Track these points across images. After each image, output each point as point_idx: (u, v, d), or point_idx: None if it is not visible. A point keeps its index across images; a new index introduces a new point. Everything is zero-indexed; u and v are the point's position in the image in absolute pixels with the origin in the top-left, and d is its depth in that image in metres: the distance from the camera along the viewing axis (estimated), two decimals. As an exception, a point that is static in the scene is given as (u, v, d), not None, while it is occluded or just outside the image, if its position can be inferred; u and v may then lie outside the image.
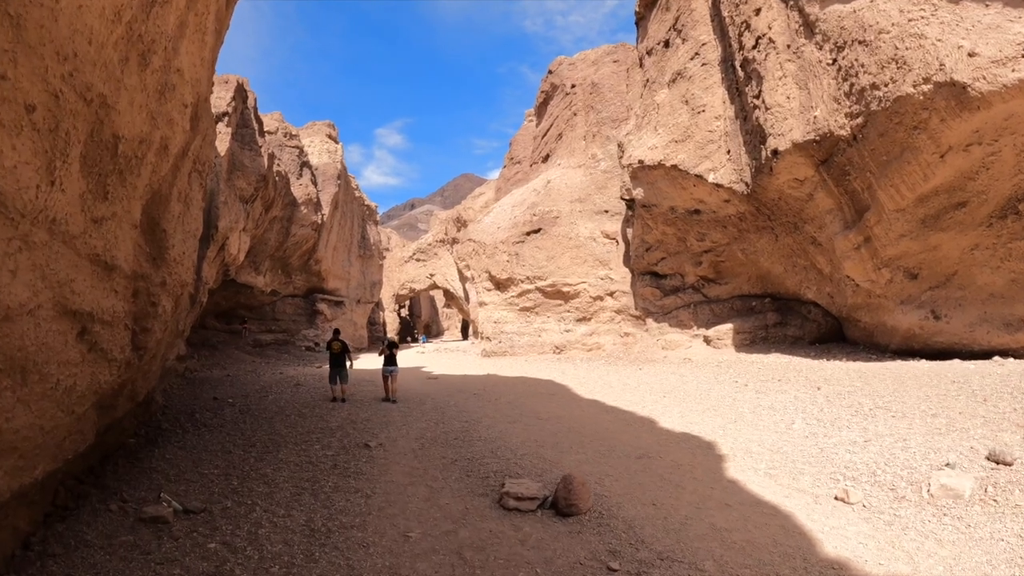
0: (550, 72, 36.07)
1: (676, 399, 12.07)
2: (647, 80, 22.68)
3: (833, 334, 18.27)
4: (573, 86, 32.00)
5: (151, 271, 6.39)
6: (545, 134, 33.94)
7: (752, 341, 18.64)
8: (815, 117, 13.53)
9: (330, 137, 35.41)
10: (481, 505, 6.23)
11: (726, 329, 19.00)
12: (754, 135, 16.03)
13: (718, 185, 17.15)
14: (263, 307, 29.43)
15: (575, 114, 30.63)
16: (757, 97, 15.51)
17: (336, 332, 14.97)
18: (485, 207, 42.60)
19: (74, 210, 4.10)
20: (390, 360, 13.84)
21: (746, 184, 16.52)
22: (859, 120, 11.82)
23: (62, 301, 4.19)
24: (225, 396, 13.19)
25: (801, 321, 18.80)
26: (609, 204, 24.98)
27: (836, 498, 6.03)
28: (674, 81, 19.87)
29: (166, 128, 5.81)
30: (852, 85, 11.83)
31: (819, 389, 10.50)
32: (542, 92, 36.78)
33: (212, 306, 25.79)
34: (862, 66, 11.41)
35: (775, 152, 14.54)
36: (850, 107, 12.03)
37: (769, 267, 18.66)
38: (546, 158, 32.58)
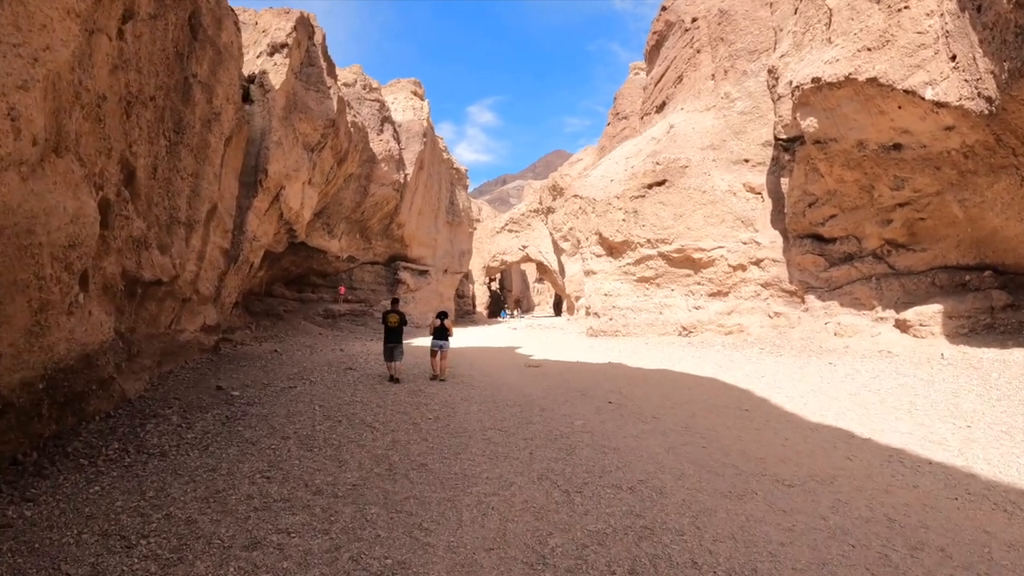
0: (664, 9, 31.02)
1: (1001, 435, 6.88)
2: (807, -13, 17.58)
3: (1090, 321, 12.91)
4: (694, 20, 26.92)
5: None
6: (659, 80, 29.10)
7: (972, 329, 13.46)
8: None
9: (415, 94, 32.68)
10: None
11: (931, 312, 13.88)
12: (1003, 27, 10.94)
13: (939, 104, 12.09)
14: (339, 274, 27.15)
15: (698, 51, 25.59)
16: (1016, -34, 10.47)
17: (394, 302, 12.70)
18: (583, 173, 38.26)
19: None
20: (439, 333, 12.09)
21: (987, 100, 11.42)
22: None
23: None
24: (236, 385, 9.74)
25: (1043, 302, 13.44)
26: (749, 152, 19.89)
27: None
28: (855, -24, 14.80)
29: None
30: None
31: None
32: (654, 33, 31.83)
33: (281, 272, 23.68)
34: None
35: (1066, 37, 9.50)
36: None
37: (999, 225, 13.36)
38: (661, 106, 27.76)
